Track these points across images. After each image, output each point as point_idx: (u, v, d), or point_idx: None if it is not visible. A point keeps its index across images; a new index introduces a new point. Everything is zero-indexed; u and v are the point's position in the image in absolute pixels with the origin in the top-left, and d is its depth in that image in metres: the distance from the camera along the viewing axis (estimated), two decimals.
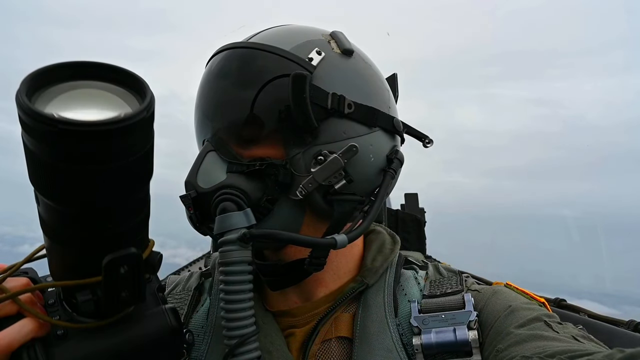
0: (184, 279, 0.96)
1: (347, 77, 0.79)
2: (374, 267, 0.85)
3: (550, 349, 0.61)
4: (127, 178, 0.47)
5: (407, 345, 0.75)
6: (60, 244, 0.52)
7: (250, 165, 0.74)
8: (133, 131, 0.44)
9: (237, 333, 0.67)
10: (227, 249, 0.68)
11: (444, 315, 0.75)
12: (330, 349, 0.78)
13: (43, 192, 0.47)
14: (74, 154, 0.42)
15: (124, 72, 0.48)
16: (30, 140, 0.43)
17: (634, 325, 1.63)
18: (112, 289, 0.52)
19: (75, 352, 0.54)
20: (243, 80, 0.77)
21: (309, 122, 0.73)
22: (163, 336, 0.59)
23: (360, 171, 0.77)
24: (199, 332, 0.84)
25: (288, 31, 0.83)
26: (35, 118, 0.40)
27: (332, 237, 0.70)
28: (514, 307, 0.74)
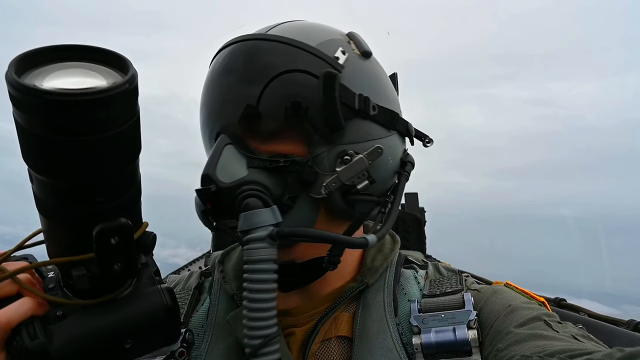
0: (184, 279, 0.96)
1: (369, 79, 0.80)
2: (374, 266, 0.85)
3: (550, 348, 0.61)
4: (113, 150, 0.49)
5: (406, 345, 0.76)
6: (55, 221, 0.54)
7: (272, 161, 0.73)
8: (116, 102, 0.46)
9: (261, 333, 0.65)
10: (255, 246, 0.66)
11: (443, 315, 0.76)
12: (330, 348, 0.78)
13: (33, 166, 0.49)
14: (60, 124, 0.45)
15: (109, 53, 0.50)
16: (19, 115, 0.45)
17: (634, 324, 1.63)
18: (104, 260, 0.53)
19: (73, 329, 0.56)
20: (266, 74, 0.74)
21: (338, 122, 0.73)
22: (159, 315, 0.60)
23: (380, 172, 0.78)
24: (199, 331, 0.84)
25: (310, 27, 0.81)
26: (22, 91, 0.43)
27: (363, 237, 0.70)
28: (513, 306, 0.74)
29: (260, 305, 0.65)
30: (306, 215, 0.76)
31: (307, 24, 0.83)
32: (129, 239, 0.54)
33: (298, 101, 0.73)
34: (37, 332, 0.53)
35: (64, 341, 0.54)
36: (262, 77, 0.74)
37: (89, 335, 0.56)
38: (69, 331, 0.55)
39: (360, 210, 0.77)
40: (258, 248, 0.66)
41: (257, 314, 0.65)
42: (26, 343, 0.53)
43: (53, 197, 0.51)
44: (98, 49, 0.50)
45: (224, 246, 0.99)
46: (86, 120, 0.45)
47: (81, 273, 0.54)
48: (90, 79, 0.48)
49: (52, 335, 0.54)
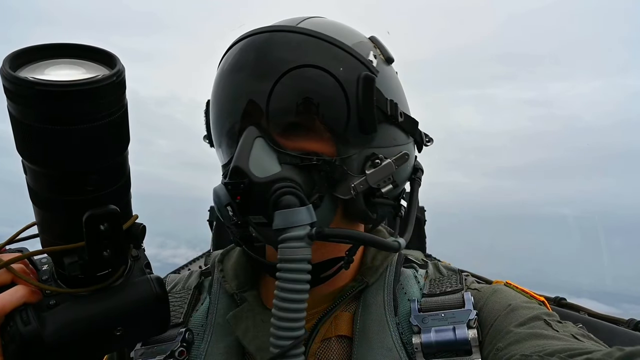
0: (184, 278, 0.96)
1: (395, 86, 0.82)
2: (374, 265, 0.85)
3: (549, 348, 0.61)
4: (102, 139, 0.51)
5: (406, 344, 0.75)
6: (48, 211, 0.56)
7: (304, 158, 0.72)
8: (104, 93, 0.49)
9: (291, 334, 0.64)
10: (292, 245, 0.64)
11: (443, 314, 0.75)
12: (330, 347, 0.78)
13: (27, 157, 0.51)
14: (51, 113, 0.47)
15: (98, 51, 0.53)
16: (13, 106, 0.48)
17: (634, 323, 1.63)
18: (94, 246, 0.55)
19: (66, 316, 0.57)
20: (305, 69, 0.71)
21: (373, 125, 0.73)
22: (148, 302, 0.62)
23: (400, 178, 0.81)
24: (199, 330, 0.84)
25: (341, 27, 0.80)
26: (15, 82, 0.46)
27: (395, 240, 0.72)
28: (513, 305, 0.74)
29: (292, 306, 0.64)
30: (327, 214, 0.75)
31: (336, 23, 0.82)
32: (117, 225, 0.56)
33: (334, 100, 0.72)
34: (30, 318, 0.55)
35: (57, 327, 0.56)
36: (297, 72, 0.71)
37: (80, 322, 0.58)
38: (61, 318, 0.57)
39: (381, 214, 0.79)
40: (295, 247, 0.65)
41: (289, 314, 0.64)
42: (20, 328, 0.54)
43: (46, 187, 0.53)
44: (88, 47, 0.53)
45: (223, 245, 0.98)
46: (75, 110, 0.48)
47: (73, 260, 0.56)
48: (80, 73, 0.51)
49: (45, 321, 0.56)
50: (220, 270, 0.90)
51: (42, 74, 0.49)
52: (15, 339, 0.54)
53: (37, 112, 0.47)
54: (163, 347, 0.80)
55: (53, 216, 0.56)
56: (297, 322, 0.64)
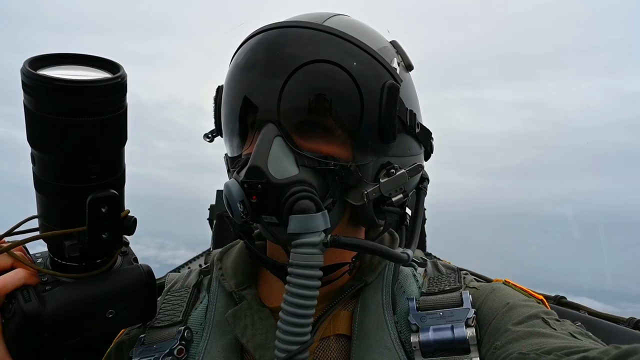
0: (183, 277, 0.96)
1: (413, 94, 0.81)
2: (373, 264, 0.85)
3: (547, 346, 0.61)
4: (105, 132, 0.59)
5: (405, 343, 0.75)
6: (52, 198, 0.62)
7: (321, 162, 0.71)
8: (109, 91, 0.57)
9: (298, 340, 0.64)
10: (306, 251, 0.65)
11: (442, 313, 0.75)
12: (328, 346, 0.78)
13: (38, 146, 0.58)
14: (63, 106, 0.55)
15: (105, 61, 0.61)
16: (30, 100, 0.55)
17: (634, 322, 1.63)
18: (94, 227, 0.61)
19: (63, 296, 0.64)
20: (331, 70, 0.70)
21: (392, 135, 0.73)
22: (139, 286, 0.70)
23: (409, 187, 0.81)
24: (198, 329, 0.83)
25: (366, 28, 0.79)
26: (35, 78, 0.54)
27: (404, 252, 0.72)
28: (512, 304, 0.74)
29: (300, 311, 0.64)
30: (335, 219, 0.76)
31: (361, 23, 0.80)
32: (117, 208, 0.63)
33: (358, 106, 0.71)
34: (31, 297, 0.61)
35: (55, 306, 0.62)
36: (323, 72, 0.70)
37: (77, 302, 0.64)
38: (59, 297, 0.63)
39: (389, 222, 0.79)
40: (309, 254, 0.65)
41: (297, 319, 0.64)
42: (21, 305, 0.60)
43: (53, 175, 0.60)
44: (97, 57, 0.61)
45: (223, 244, 0.99)
46: (85, 103, 0.56)
47: (73, 242, 0.62)
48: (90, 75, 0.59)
49: (44, 300, 0.62)
50: (219, 268, 0.91)
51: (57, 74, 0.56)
52: (17, 316, 0.60)
53: (52, 104, 0.55)
54: (162, 345, 0.80)
55: (56, 203, 0.62)
56: (305, 328, 0.64)
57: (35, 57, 0.57)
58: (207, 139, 0.88)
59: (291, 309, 0.64)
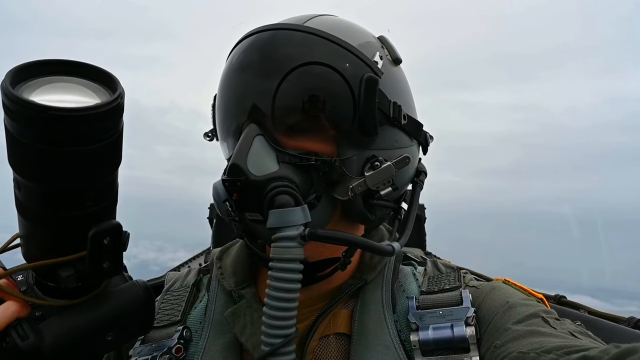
0: (182, 276, 0.96)
1: (400, 87, 0.81)
2: (372, 263, 0.85)
3: (547, 345, 0.61)
4: (102, 159, 0.53)
5: (405, 342, 0.75)
6: (39, 226, 0.56)
7: (303, 158, 0.72)
8: (109, 117, 0.50)
9: (281, 333, 0.64)
10: (285, 245, 0.65)
11: (441, 312, 0.75)
12: (328, 345, 0.78)
13: (25, 175, 0.51)
14: (56, 137, 0.48)
15: (97, 70, 0.54)
16: (14, 126, 0.48)
17: (634, 322, 1.63)
18: (95, 260, 0.56)
19: (60, 326, 0.58)
20: (307, 67, 0.72)
21: (374, 127, 0.73)
22: (136, 306, 0.65)
23: (401, 180, 0.80)
24: (197, 328, 0.83)
25: (348, 26, 0.80)
26: (22, 105, 0.46)
27: (389, 244, 0.72)
28: (511, 303, 0.74)
29: (283, 305, 0.64)
30: (325, 215, 0.76)
31: (344, 21, 0.81)
32: (119, 239, 0.58)
33: (336, 100, 0.72)
34: (26, 332, 0.55)
35: (54, 338, 0.57)
36: (300, 71, 0.71)
37: (75, 331, 0.59)
38: (57, 329, 0.58)
39: (379, 216, 0.79)
40: (288, 247, 0.65)
41: (279, 312, 0.64)
42: (18, 343, 0.54)
43: (42, 203, 0.53)
44: (88, 66, 0.54)
45: (223, 243, 0.98)
46: (79, 133, 0.49)
47: (69, 273, 0.56)
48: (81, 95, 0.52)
49: (41, 334, 0.56)
50: (219, 267, 0.90)
51: (43, 94, 0.50)
52: (14, 354, 0.55)
53: (40, 134, 0.47)
54: (160, 344, 0.80)
55: (44, 230, 0.56)
56: (288, 321, 0.65)
57: (17, 68, 0.49)
58: (207, 137, 0.89)
59: (273, 303, 0.65)
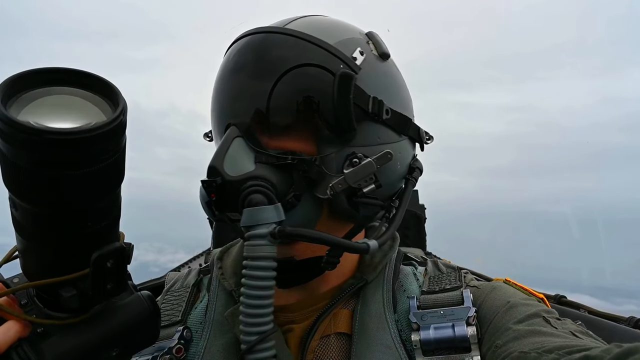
0: (183, 276, 0.96)
1: (385, 82, 0.80)
2: (373, 263, 0.85)
3: (548, 345, 0.61)
4: (105, 180, 0.49)
5: (405, 342, 0.75)
6: (38, 245, 0.53)
7: (280, 157, 0.72)
8: (111, 137, 0.46)
9: (258, 330, 0.65)
10: (256, 243, 0.66)
11: (442, 311, 0.75)
12: (329, 344, 0.78)
13: (22, 197, 0.48)
14: (53, 161, 0.44)
15: (95, 78, 0.49)
16: (6, 147, 0.44)
17: (634, 321, 1.63)
18: (99, 282, 0.54)
19: (63, 345, 0.56)
20: (281, 69, 0.73)
21: (350, 124, 0.72)
22: (142, 321, 0.62)
23: (387, 177, 0.78)
24: (197, 328, 0.83)
25: (330, 24, 0.80)
26: (15, 128, 0.41)
27: (364, 242, 0.71)
28: (512, 303, 0.74)
29: (257, 302, 0.65)
30: (309, 214, 0.75)
31: (328, 20, 0.82)
32: (123, 260, 0.56)
33: (311, 99, 0.72)
34: (28, 354, 0.53)
35: (57, 358, 0.54)
36: (275, 72, 0.73)
37: (78, 350, 0.56)
38: (59, 347, 0.55)
39: (364, 214, 0.77)
40: (259, 245, 0.66)
41: (254, 310, 0.65)
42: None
43: (41, 224, 0.50)
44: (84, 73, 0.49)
45: (223, 243, 0.98)
46: (79, 155, 0.45)
47: (71, 293, 0.54)
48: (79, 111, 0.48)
49: (43, 355, 0.54)
50: (219, 267, 0.91)
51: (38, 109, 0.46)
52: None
53: (36, 158, 0.44)
54: (160, 344, 0.80)
55: (43, 249, 0.54)
56: (263, 318, 0.65)
57: (9, 80, 0.45)
58: (207, 138, 0.90)
59: (247, 301, 0.65)
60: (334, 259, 0.75)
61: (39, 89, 0.47)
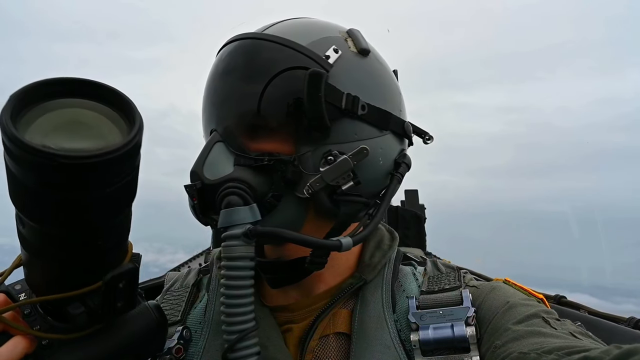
0: (182, 276, 0.96)
1: (362, 78, 0.79)
2: (372, 263, 0.85)
3: (547, 345, 0.61)
4: (117, 200, 0.48)
5: (405, 342, 0.75)
6: (46, 261, 0.52)
7: (258, 159, 0.73)
8: (125, 159, 0.44)
9: (237, 328, 0.67)
10: (231, 243, 0.67)
11: (441, 311, 0.75)
12: (328, 344, 0.78)
13: (27, 215, 0.46)
14: (66, 183, 0.42)
15: (109, 90, 0.47)
16: (15, 167, 0.42)
17: (634, 322, 1.63)
18: (110, 302, 0.55)
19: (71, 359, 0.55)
20: (255, 73, 0.75)
21: (322, 121, 0.72)
22: (150, 332, 0.63)
23: (368, 174, 0.77)
24: (197, 328, 0.84)
25: (305, 25, 0.81)
26: (26, 151, 0.39)
27: (337, 239, 0.71)
28: (512, 303, 0.74)
29: (235, 301, 0.67)
30: (292, 214, 0.76)
31: (305, 22, 0.82)
32: (134, 280, 0.57)
33: (285, 100, 0.73)
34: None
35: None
36: (251, 77, 0.75)
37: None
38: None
39: (344, 211, 0.77)
40: (234, 245, 0.67)
41: (233, 309, 0.67)
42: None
43: (46, 242, 0.49)
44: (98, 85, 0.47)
45: None
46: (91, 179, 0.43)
47: (79, 311, 0.53)
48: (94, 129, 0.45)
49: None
50: (219, 267, 0.90)
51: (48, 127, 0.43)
52: None
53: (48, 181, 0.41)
54: None
55: (51, 265, 0.52)
56: (243, 316, 0.67)
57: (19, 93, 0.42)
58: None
59: (226, 301, 0.67)
60: (319, 259, 0.75)
61: (49, 102, 0.44)
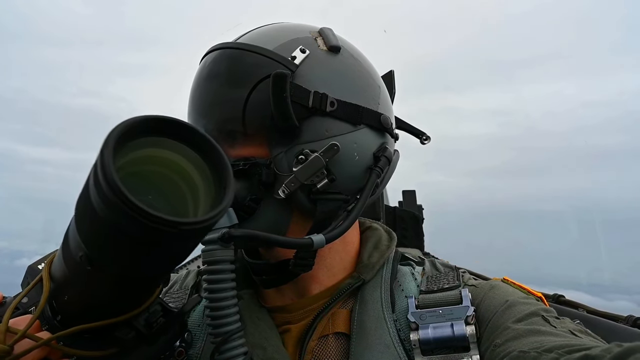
0: (181, 278, 0.96)
1: (332, 75, 0.79)
2: (370, 263, 0.84)
3: (547, 344, 0.61)
4: (187, 250, 0.53)
5: (404, 341, 0.75)
6: (94, 290, 0.55)
7: (234, 164, 0.74)
8: (202, 234, 0.51)
9: (222, 330, 0.67)
10: (209, 248, 0.68)
11: (441, 311, 0.75)
12: (327, 344, 0.78)
13: (105, 260, 0.49)
14: (155, 241, 0.46)
15: (202, 138, 0.51)
16: (106, 213, 0.43)
17: (632, 320, 1.62)
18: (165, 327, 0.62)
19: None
20: (228, 81, 0.77)
21: (290, 122, 0.73)
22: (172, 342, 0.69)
23: (344, 170, 0.77)
24: (196, 330, 0.83)
25: (275, 30, 0.83)
26: (128, 207, 0.41)
27: (309, 237, 0.70)
28: (511, 302, 0.74)
29: (217, 304, 0.67)
30: (274, 216, 0.77)
31: (275, 27, 0.84)
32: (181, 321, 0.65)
33: (257, 105, 0.74)
34: None
35: None
36: (223, 86, 0.78)
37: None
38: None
39: (322, 209, 0.76)
40: (212, 250, 0.68)
41: (217, 312, 0.67)
42: None
43: (109, 282, 0.53)
44: (193, 130, 0.50)
45: None
46: (182, 241, 0.49)
47: (131, 336, 0.58)
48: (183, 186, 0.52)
49: None
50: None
51: (141, 169, 0.49)
52: None
53: (136, 234, 0.44)
54: None
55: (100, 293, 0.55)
56: (226, 318, 0.67)
57: (121, 131, 0.43)
58: None
59: (210, 304, 0.68)
60: (304, 260, 0.75)
61: (144, 138, 0.47)
